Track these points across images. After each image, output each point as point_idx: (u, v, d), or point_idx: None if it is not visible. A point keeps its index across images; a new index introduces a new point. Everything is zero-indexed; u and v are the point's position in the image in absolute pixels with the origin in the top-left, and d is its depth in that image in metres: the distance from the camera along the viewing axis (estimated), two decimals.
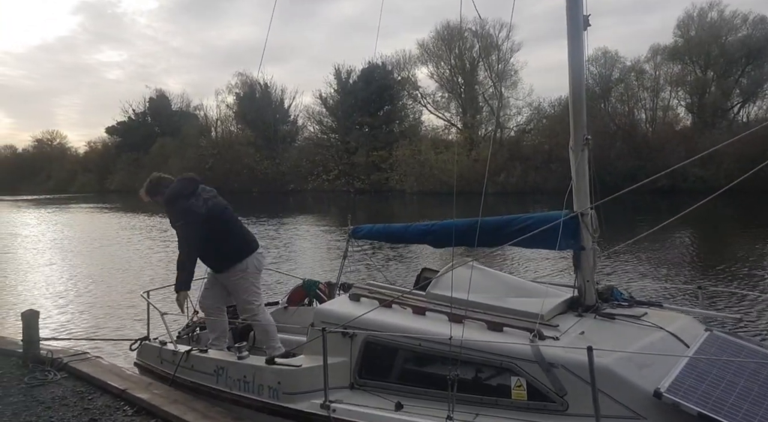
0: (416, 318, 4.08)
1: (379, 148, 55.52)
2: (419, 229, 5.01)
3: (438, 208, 36.82)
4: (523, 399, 3.49)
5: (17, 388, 4.79)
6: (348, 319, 4.13)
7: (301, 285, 6.19)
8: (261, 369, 4.35)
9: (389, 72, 59.68)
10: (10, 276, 14.43)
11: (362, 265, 12.76)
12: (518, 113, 54.39)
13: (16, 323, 6.65)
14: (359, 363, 4.08)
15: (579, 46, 4.15)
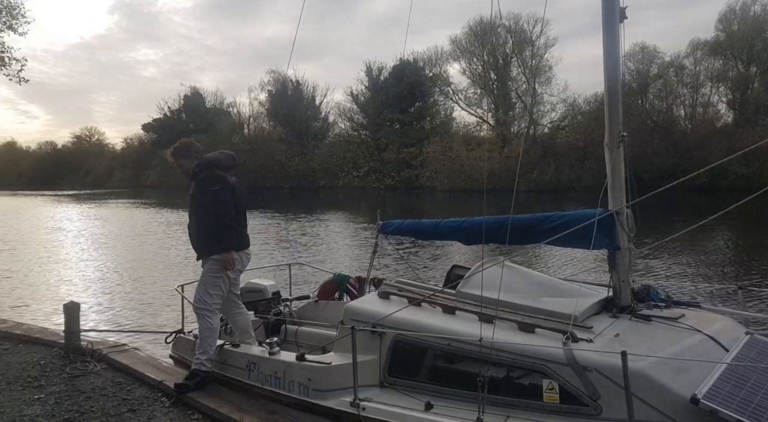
0: (446, 318, 4.05)
1: (410, 145, 55.43)
2: (449, 226, 4.95)
3: (469, 205, 36.57)
4: (555, 402, 3.43)
5: (59, 378, 4.95)
6: (377, 317, 4.12)
7: (332, 279, 6.22)
8: (292, 365, 4.37)
9: (420, 68, 59.49)
10: (54, 269, 14.88)
11: (392, 260, 12.76)
12: (552, 109, 53.71)
13: (58, 315, 6.86)
14: (388, 361, 4.08)
15: (614, 39, 4.05)
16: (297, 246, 18.83)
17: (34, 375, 5.01)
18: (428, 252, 15.85)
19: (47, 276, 13.87)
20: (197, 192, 4.80)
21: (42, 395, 4.54)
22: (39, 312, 9.90)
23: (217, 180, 4.75)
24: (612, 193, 4.17)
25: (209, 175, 4.78)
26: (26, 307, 10.29)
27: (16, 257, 16.89)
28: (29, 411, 4.23)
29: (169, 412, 4.32)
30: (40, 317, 9.30)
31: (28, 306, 10.41)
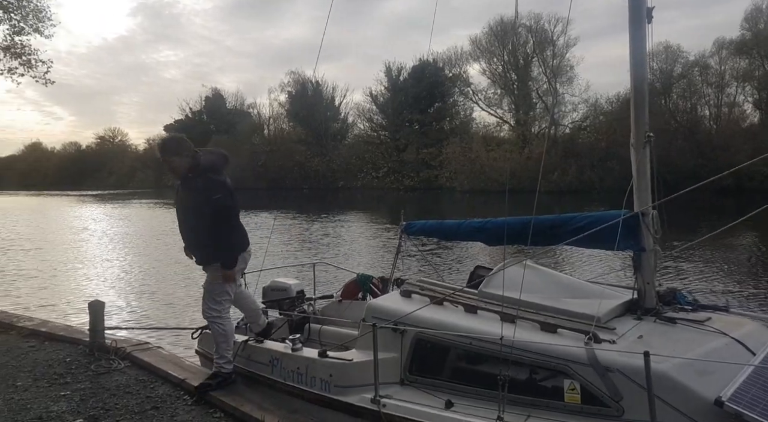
0: (468, 317, 4.05)
1: (429, 146, 55.32)
2: (472, 226, 4.96)
3: (489, 206, 36.39)
4: (576, 402, 3.41)
5: (84, 375, 5.02)
6: (399, 315, 4.15)
7: (355, 279, 6.23)
8: (314, 361, 4.42)
9: (440, 69, 59.36)
10: (79, 268, 15.12)
11: (415, 261, 12.74)
12: (574, 110, 53.23)
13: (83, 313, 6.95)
14: (409, 359, 4.09)
15: (641, 40, 4.03)
16: (320, 247, 18.97)
17: (60, 372, 5.09)
18: (452, 253, 15.83)
19: (73, 275, 14.10)
20: (195, 199, 4.43)
21: (68, 392, 4.61)
22: (64, 310, 10.08)
23: (219, 187, 4.45)
24: (638, 194, 4.13)
25: (209, 183, 4.43)
26: (52, 306, 10.47)
27: (42, 257, 17.20)
28: (55, 407, 4.29)
29: (192, 410, 4.35)
30: (65, 315, 9.47)
31: (54, 304, 10.60)
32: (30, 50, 14.50)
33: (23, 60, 14.35)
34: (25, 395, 4.55)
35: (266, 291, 6.19)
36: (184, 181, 4.48)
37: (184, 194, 4.50)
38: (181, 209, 4.60)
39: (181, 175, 4.47)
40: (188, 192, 4.46)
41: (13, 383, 4.81)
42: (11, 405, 4.34)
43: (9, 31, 14.25)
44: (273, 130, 71.79)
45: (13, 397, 4.49)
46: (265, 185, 61.09)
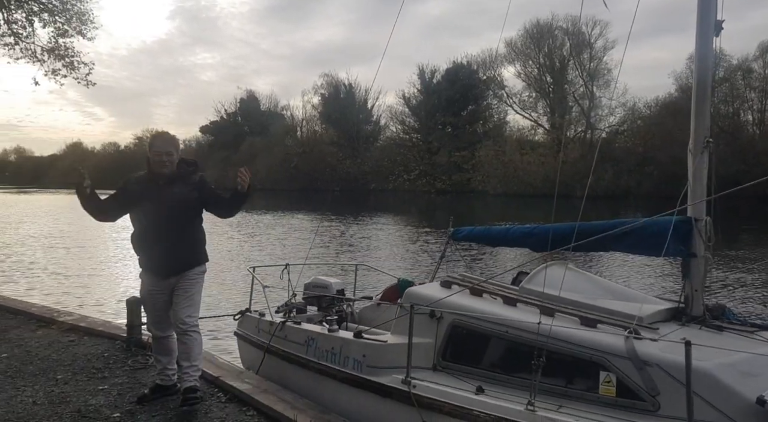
0: (506, 308, 4.04)
1: (462, 149, 55.09)
2: (520, 232, 4.91)
3: (522, 210, 36.02)
4: (611, 395, 3.36)
5: (122, 370, 5.06)
6: (437, 301, 4.16)
7: (396, 283, 6.20)
8: (348, 341, 4.48)
9: (474, 71, 59.09)
10: (118, 266, 15.39)
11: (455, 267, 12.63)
12: (611, 113, 52.35)
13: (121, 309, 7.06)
14: (444, 345, 4.10)
15: (707, 49, 3.99)
16: (360, 249, 19.04)
17: (98, 366, 5.14)
18: (495, 261, 15.71)
19: (111, 272, 14.37)
20: (189, 196, 4.20)
21: (105, 386, 4.65)
22: (103, 306, 10.26)
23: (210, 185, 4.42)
24: (692, 199, 4.02)
25: (203, 180, 4.35)
26: (91, 302, 10.67)
27: (83, 254, 17.61)
28: (94, 401, 4.33)
29: (225, 407, 4.34)
30: (104, 311, 9.64)
31: (93, 300, 10.79)
32: (73, 52, 14.86)
33: (66, 62, 14.71)
34: (65, 388, 4.60)
35: (307, 287, 6.32)
36: (174, 177, 4.20)
37: (173, 190, 4.16)
38: (166, 207, 4.12)
39: (171, 171, 4.21)
40: (181, 188, 4.19)
41: (54, 376, 4.88)
42: (52, 397, 4.40)
43: (53, 33, 14.62)
44: (306, 132, 72.43)
45: (54, 390, 4.55)
46: (298, 187, 61.65)
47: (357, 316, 6.19)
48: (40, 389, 4.57)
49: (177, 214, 4.18)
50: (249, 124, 75.30)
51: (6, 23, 14.40)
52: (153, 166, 4.20)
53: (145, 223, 4.19)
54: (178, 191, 4.19)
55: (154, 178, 4.20)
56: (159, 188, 4.16)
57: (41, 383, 4.71)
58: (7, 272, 14.16)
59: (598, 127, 52.53)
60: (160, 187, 4.17)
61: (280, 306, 6.01)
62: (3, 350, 5.61)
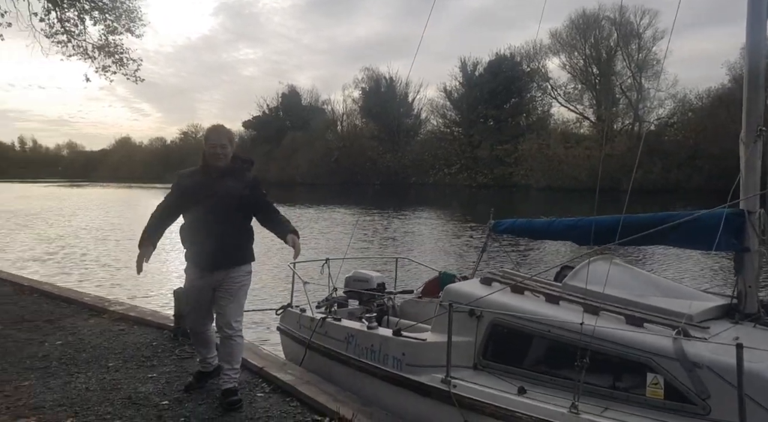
0: (548, 306, 3.93)
1: (504, 142, 54.33)
2: (563, 225, 4.79)
3: (566, 204, 35.31)
4: (658, 397, 3.25)
5: (169, 359, 5.19)
6: (476, 299, 4.09)
7: (437, 277, 6.17)
8: (388, 339, 4.47)
9: (517, 63, 58.16)
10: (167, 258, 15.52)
11: (497, 261, 12.48)
12: (660, 105, 50.71)
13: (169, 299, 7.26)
14: (484, 344, 4.03)
15: (760, 35, 3.83)
16: (401, 243, 19.00)
17: (147, 355, 5.29)
18: (537, 255, 15.42)
19: (160, 264, 14.60)
20: (242, 191, 4.13)
21: (154, 374, 4.77)
22: (151, 297, 10.52)
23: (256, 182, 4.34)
24: (744, 191, 3.85)
25: (258, 181, 4.34)
26: (140, 293, 10.93)
27: (132, 247, 17.86)
28: (143, 388, 4.45)
29: (269, 398, 4.40)
30: (152, 301, 9.90)
31: (142, 292, 11.04)
32: (122, 49, 15.23)
33: (116, 58, 15.07)
34: (116, 375, 4.75)
35: (348, 281, 6.34)
36: (227, 171, 4.15)
37: (226, 184, 4.10)
38: (217, 199, 4.06)
39: (225, 164, 4.16)
40: (234, 182, 4.13)
41: (105, 363, 5.04)
42: (104, 384, 4.54)
43: (104, 31, 15.02)
44: (346, 126, 72.75)
45: (106, 377, 4.70)
46: (338, 181, 62.05)
47: (398, 310, 6.20)
48: (93, 376, 4.73)
49: (228, 208, 4.09)
50: (290, 119, 76.07)
51: (59, 21, 14.85)
52: (208, 158, 4.17)
53: (196, 215, 4.11)
54: (232, 185, 4.12)
55: (208, 171, 4.16)
56: (212, 181, 4.12)
57: (93, 370, 4.87)
58: (61, 263, 14.74)
59: (647, 119, 51.06)
60: (213, 180, 4.13)
61: (321, 301, 6.06)
62: (57, 337, 5.84)
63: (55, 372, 4.82)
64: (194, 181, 4.17)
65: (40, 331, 6.09)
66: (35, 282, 8.96)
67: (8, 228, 23.36)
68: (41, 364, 5.00)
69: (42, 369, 4.89)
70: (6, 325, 6.30)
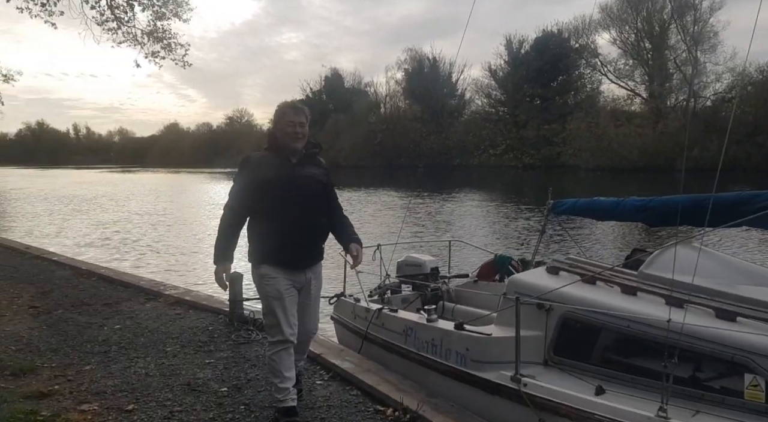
0: (625, 298, 3.59)
1: (551, 121, 52.96)
2: (633, 205, 4.42)
3: (618, 185, 34.25)
4: (759, 400, 2.94)
5: (226, 344, 5.12)
6: (544, 291, 3.78)
7: (492, 260, 5.91)
8: (450, 333, 4.21)
9: (565, 40, 56.42)
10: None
11: (558, 243, 12.04)
12: (717, 80, 48.31)
13: None
14: (555, 339, 3.74)
15: None
16: (453, 226, 18.65)
17: (204, 340, 5.24)
18: (598, 236, 14.74)
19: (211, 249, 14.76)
20: (325, 180, 3.68)
21: (212, 360, 4.71)
22: (205, 284, 10.44)
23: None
24: None
25: (329, 170, 3.83)
26: (193, 278, 10.93)
27: (185, 232, 18.29)
28: (202, 374, 4.39)
29: (329, 386, 4.27)
30: (207, 286, 9.84)
31: (196, 277, 11.05)
32: (170, 34, 15.39)
33: (164, 44, 15.27)
34: (174, 360, 4.70)
35: (400, 266, 6.12)
36: (306, 155, 3.61)
37: (307, 170, 3.58)
38: (301, 187, 3.52)
39: (304, 146, 3.60)
40: (314, 169, 3.63)
41: (163, 348, 5.01)
42: (163, 369, 4.50)
43: (152, 16, 15.18)
44: (389, 108, 72.31)
45: (164, 362, 4.66)
46: (381, 163, 61.87)
47: (453, 295, 5.97)
48: (152, 361, 4.69)
49: (313, 197, 3.57)
50: (333, 102, 76.09)
51: (109, 8, 15.08)
52: (285, 139, 3.53)
53: (278, 206, 3.45)
54: (313, 172, 3.60)
55: (286, 154, 3.53)
56: (293, 166, 3.52)
57: (152, 355, 4.84)
58: (116, 247, 15.08)
59: (702, 94, 48.81)
60: (293, 165, 3.53)
61: (373, 289, 5.87)
62: (116, 322, 5.87)
63: (114, 356, 4.81)
64: (271, 167, 3.50)
65: (99, 315, 6.14)
66: (93, 266, 9.12)
67: (66, 213, 24.15)
68: (101, 349, 5.01)
69: (102, 353, 4.89)
70: (66, 309, 6.38)
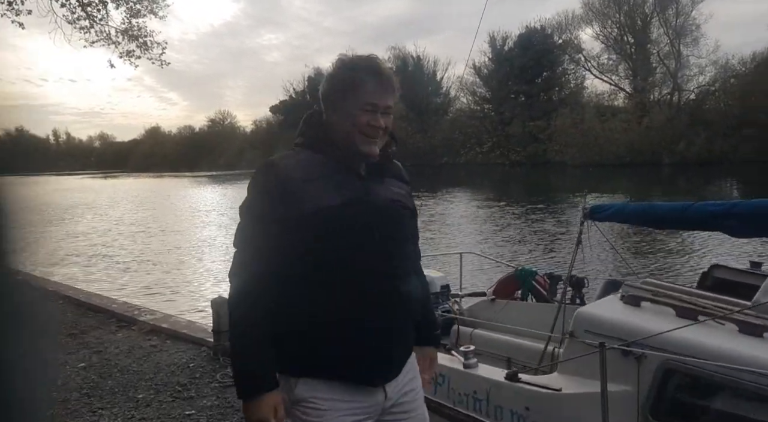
0: (749, 342, 2.66)
1: (537, 118, 52.56)
2: (709, 211, 3.44)
3: (605, 180, 33.88)
4: None
5: (210, 387, 4.38)
6: (635, 332, 2.83)
7: (512, 274, 5.20)
8: (499, 385, 3.27)
9: (549, 35, 55.96)
10: (205, 256, 14.15)
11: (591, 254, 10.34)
12: (700, 73, 48.22)
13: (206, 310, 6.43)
14: (654, 397, 2.79)
15: None
16: (463, 233, 16.57)
17: (183, 382, 4.49)
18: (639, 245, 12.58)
19: (196, 263, 13.30)
20: (412, 205, 1.94)
21: (193, 410, 3.97)
22: (187, 302, 9.43)
23: None
24: None
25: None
26: (174, 298, 9.93)
27: (169, 244, 16.77)
28: None
29: None
30: (188, 308, 8.81)
31: (176, 297, 10.02)
32: (146, 32, 14.57)
33: (140, 42, 14.44)
34: (146, 412, 3.96)
35: None
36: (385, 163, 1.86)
37: (389, 190, 1.84)
38: (388, 225, 1.78)
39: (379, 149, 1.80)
40: (398, 186, 1.89)
41: (134, 395, 4.26)
42: None
43: (126, 13, 14.36)
44: None
45: (134, 415, 3.92)
46: None
47: (467, 315, 5.24)
48: (119, 413, 3.94)
49: (402, 240, 1.84)
50: (318, 102, 75.08)
51: (81, 6, 14.23)
52: (354, 136, 1.74)
53: (342, 261, 1.70)
54: (395, 191, 1.85)
55: (351, 161, 1.78)
56: (364, 185, 1.77)
57: (120, 404, 4.09)
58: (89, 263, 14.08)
59: (686, 87, 48.69)
60: (365, 183, 1.77)
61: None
62: (81, 357, 5.09)
63: (75, 407, 4.06)
64: (327, 186, 1.71)
65: (61, 349, 5.34)
66: (61, 287, 8.29)
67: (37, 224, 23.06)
68: (60, 396, 4.24)
69: (60, 403, 4.12)
70: None
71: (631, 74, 51.86)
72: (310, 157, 1.76)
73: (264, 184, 1.71)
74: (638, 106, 47.79)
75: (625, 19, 51.93)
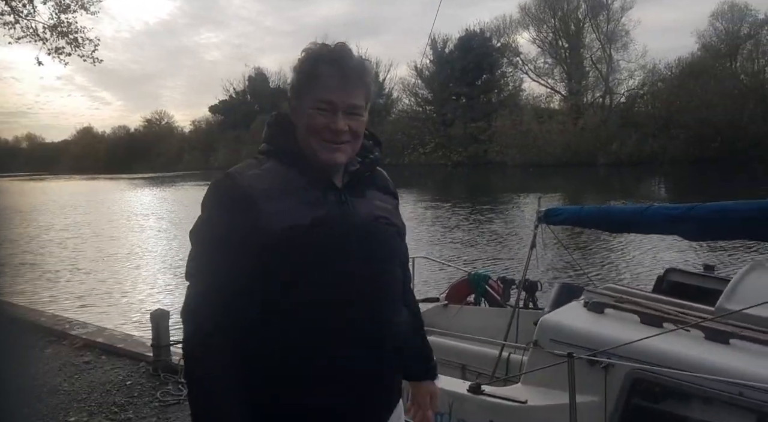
0: (716, 349, 2.63)
1: (477, 119, 53.70)
2: (666, 214, 3.38)
3: (544, 180, 34.88)
4: None
5: (149, 407, 4.16)
6: (600, 342, 2.75)
7: (465, 279, 5.20)
8: (462, 398, 3.10)
9: (488, 39, 57.25)
10: (142, 269, 13.21)
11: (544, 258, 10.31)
12: (630, 76, 50.50)
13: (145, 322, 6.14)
14: (622, 407, 2.71)
15: None
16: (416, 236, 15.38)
17: (120, 402, 4.25)
18: (585, 242, 12.58)
19: (132, 272, 12.67)
20: (399, 222, 1.66)
21: None
22: (123, 315, 8.84)
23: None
24: None
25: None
26: (108, 308, 9.40)
27: (103, 250, 15.87)
28: None
29: None
30: (124, 319, 8.35)
31: (112, 308, 9.48)
32: (76, 28, 13.93)
33: (70, 38, 13.80)
34: None
35: None
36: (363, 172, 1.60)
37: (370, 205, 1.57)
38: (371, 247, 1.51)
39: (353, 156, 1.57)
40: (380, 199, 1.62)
41: (65, 418, 3.99)
42: None
43: (55, 9, 13.68)
44: None
45: None
46: None
47: None
48: None
49: (387, 263, 1.59)
50: (259, 102, 73.89)
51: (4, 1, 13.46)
52: (313, 143, 1.49)
53: (317, 292, 1.43)
54: (378, 205, 1.60)
55: (323, 174, 1.52)
56: (340, 200, 1.51)
57: None
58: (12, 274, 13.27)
59: (617, 91, 50.83)
60: (342, 198, 1.52)
61: None
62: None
63: None
64: (297, 201, 1.45)
65: None
66: None
67: None
68: None
69: None
70: None
71: (566, 77, 53.69)
72: (276, 168, 1.49)
73: (221, 200, 1.45)
74: (573, 108, 49.54)
75: (560, 24, 53.75)
